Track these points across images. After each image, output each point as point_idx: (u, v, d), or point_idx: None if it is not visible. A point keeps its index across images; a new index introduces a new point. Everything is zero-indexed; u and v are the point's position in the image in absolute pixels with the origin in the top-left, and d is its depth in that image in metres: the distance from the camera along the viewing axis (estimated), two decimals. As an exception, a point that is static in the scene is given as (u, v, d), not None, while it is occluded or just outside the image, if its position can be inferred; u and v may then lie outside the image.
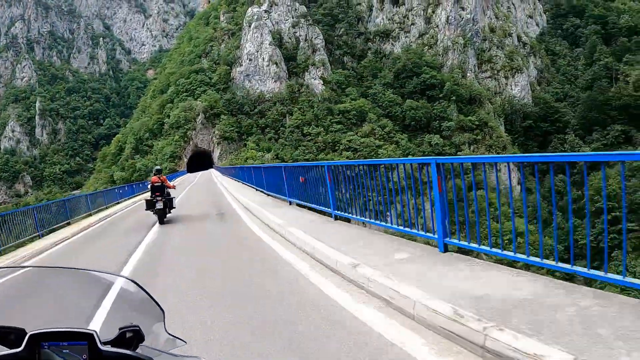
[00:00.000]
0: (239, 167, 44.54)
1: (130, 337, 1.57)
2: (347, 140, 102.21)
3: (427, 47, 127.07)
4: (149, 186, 16.35)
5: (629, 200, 57.46)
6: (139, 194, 41.85)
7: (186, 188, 41.04)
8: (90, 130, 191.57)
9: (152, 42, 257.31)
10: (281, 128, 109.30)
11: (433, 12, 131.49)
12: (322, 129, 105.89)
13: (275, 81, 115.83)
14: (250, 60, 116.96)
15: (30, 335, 1.47)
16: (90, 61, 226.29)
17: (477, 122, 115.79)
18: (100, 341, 1.48)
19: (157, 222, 15.77)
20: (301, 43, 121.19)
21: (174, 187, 16.39)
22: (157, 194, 15.18)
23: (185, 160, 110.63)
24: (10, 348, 1.49)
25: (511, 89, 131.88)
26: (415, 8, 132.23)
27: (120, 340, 1.56)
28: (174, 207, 16.53)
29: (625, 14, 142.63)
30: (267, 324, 5.16)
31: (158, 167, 16.71)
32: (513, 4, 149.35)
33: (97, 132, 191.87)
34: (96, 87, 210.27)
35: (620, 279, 4.19)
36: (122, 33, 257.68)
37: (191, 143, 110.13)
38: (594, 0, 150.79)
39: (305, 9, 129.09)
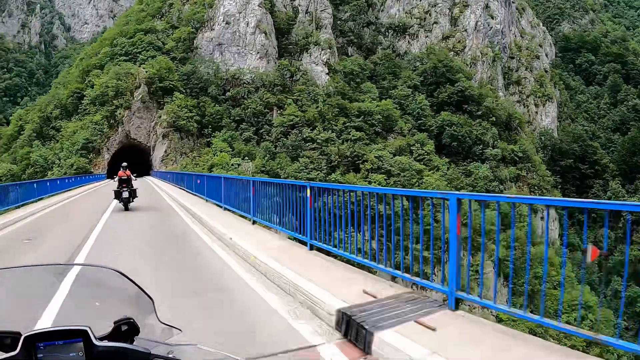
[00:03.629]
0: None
1: (126, 330, 1.45)
2: (375, 157, 60.50)
3: (452, 52, 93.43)
4: (116, 179, 16.54)
5: None
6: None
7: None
8: (3, 109, 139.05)
9: (97, 21, 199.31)
10: (265, 126, 68.59)
11: (460, 12, 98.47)
12: (332, 133, 66.52)
13: (260, 57, 73.46)
14: (227, 23, 73.29)
15: (25, 337, 1.35)
16: (20, 29, 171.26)
17: (520, 154, 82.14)
18: (95, 337, 1.36)
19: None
20: (300, 15, 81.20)
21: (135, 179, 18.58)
22: (124, 185, 16.01)
23: (107, 156, 64.96)
24: (7, 352, 1.36)
25: (542, 119, 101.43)
26: (439, 5, 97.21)
27: (115, 334, 1.45)
28: (137, 197, 16.97)
29: None
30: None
31: (125, 163, 16.86)
32: (523, 29, 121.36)
33: (10, 111, 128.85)
34: (21, 59, 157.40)
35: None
36: (65, 6, 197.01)
37: (120, 130, 64.59)
38: (605, 39, 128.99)
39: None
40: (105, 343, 1.36)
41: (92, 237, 10.70)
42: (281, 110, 65.64)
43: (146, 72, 63.67)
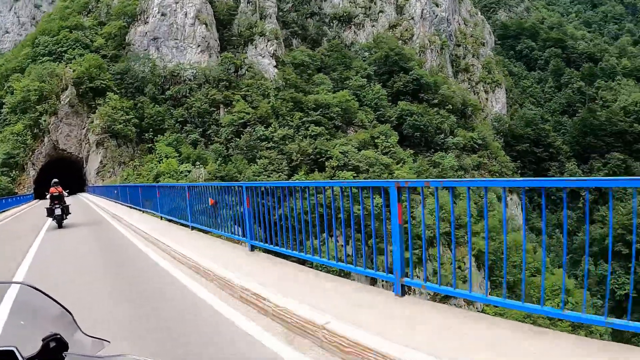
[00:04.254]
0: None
1: (55, 347, 1.35)
2: (341, 152, 54.67)
3: (401, 41, 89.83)
4: (48, 196, 15.89)
5: None
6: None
7: None
8: None
9: (19, 30, 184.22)
10: (213, 126, 61.62)
11: (406, 1, 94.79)
12: (290, 130, 59.66)
13: (202, 51, 66.00)
14: (163, 15, 65.32)
15: None
16: None
17: (479, 141, 79.89)
18: (22, 357, 1.26)
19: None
20: (242, 4, 74.09)
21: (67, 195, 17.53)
22: (56, 202, 15.49)
23: (33, 173, 56.08)
24: None
25: (492, 105, 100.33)
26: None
27: (44, 352, 1.33)
28: (70, 213, 16.50)
29: (580, 40, 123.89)
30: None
31: (56, 179, 16.46)
32: (465, 18, 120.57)
33: None
34: None
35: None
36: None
37: (47, 141, 55.49)
38: (542, 25, 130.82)
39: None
40: None
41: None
42: (229, 108, 59.25)
43: (73, 71, 55.19)
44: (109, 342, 1.62)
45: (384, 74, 76.15)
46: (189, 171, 46.93)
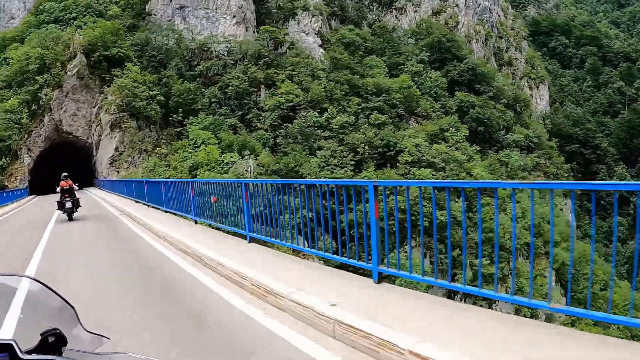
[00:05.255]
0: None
1: (53, 342, 1.30)
2: (413, 145, 43.51)
3: (446, 29, 79.45)
4: (58, 189, 15.48)
5: None
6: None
7: None
8: None
9: (25, 15, 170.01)
10: (253, 109, 51.04)
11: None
12: (351, 117, 45.67)
13: (237, 23, 54.65)
14: (190, -20, 54.63)
15: None
16: None
17: (535, 140, 69.65)
18: (21, 350, 1.20)
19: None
20: (281, -26, 62.69)
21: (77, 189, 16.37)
22: (67, 195, 15.10)
23: (29, 160, 44.19)
24: None
25: (537, 102, 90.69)
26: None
27: (42, 346, 1.28)
28: (80, 206, 16.08)
29: (614, 39, 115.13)
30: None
31: (65, 173, 16.06)
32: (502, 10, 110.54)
33: None
34: None
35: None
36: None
37: (47, 121, 43.21)
38: (576, 22, 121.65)
39: None
40: (33, 356, 1.22)
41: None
42: (272, 89, 47.83)
43: (83, 38, 43.33)
44: (108, 338, 1.54)
45: (435, 62, 65.34)
46: (234, 162, 35.37)
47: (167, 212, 14.22)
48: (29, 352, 1.24)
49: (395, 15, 76.17)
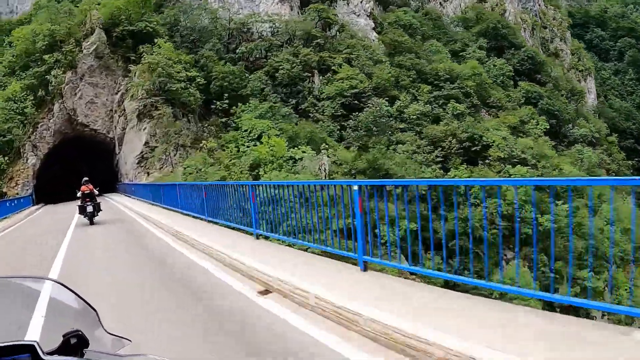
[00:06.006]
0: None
1: (75, 344, 1.28)
2: (503, 138, 35.22)
3: (493, 17, 71.11)
4: (79, 194, 14.81)
5: None
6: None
7: None
8: None
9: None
10: (307, 97, 41.83)
11: (494, -30, 76.16)
12: (428, 107, 37.32)
13: (281, 1, 46.55)
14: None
15: None
16: None
17: (596, 134, 61.51)
18: (43, 351, 1.19)
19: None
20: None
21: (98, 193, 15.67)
22: (87, 200, 14.62)
23: (34, 160, 35.66)
24: None
25: (587, 95, 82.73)
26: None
27: (64, 347, 1.27)
28: (101, 210, 15.23)
29: None
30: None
31: (86, 177, 15.41)
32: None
33: None
34: None
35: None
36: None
37: (57, 110, 34.71)
38: (606, 14, 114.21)
39: None
40: (54, 357, 1.20)
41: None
42: (327, 74, 39.27)
43: (102, 10, 34.64)
44: (130, 341, 1.50)
45: (491, 49, 57.06)
46: (300, 158, 26.75)
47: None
48: (50, 353, 1.21)
49: (440, 2, 67.78)
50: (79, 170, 40.23)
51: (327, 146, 27.40)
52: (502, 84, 48.98)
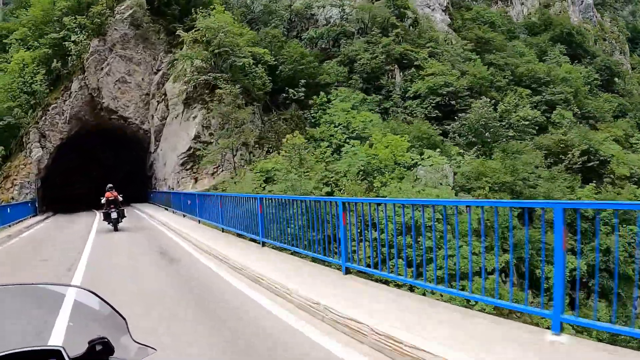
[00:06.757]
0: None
1: (100, 350, 1.30)
2: (623, 154, 28.83)
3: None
4: (103, 200, 14.87)
5: None
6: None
7: None
8: None
9: None
10: (392, 93, 31.60)
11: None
12: (537, 112, 31.07)
13: (353, -15, 39.14)
14: None
15: None
16: None
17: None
18: (69, 357, 1.22)
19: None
20: None
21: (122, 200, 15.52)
22: (112, 206, 14.72)
23: (41, 154, 27.77)
24: None
25: None
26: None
27: (90, 354, 1.29)
28: (125, 216, 15.30)
29: None
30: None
31: (110, 184, 15.36)
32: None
33: None
34: None
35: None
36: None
37: (76, 89, 27.66)
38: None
39: None
40: None
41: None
42: (407, 70, 31.73)
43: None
44: (155, 349, 1.47)
45: (566, 56, 50.23)
46: (420, 160, 18.88)
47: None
48: (75, 359, 1.21)
49: (503, 7, 61.09)
50: (99, 158, 32.26)
51: (458, 151, 19.53)
52: (590, 93, 41.84)
